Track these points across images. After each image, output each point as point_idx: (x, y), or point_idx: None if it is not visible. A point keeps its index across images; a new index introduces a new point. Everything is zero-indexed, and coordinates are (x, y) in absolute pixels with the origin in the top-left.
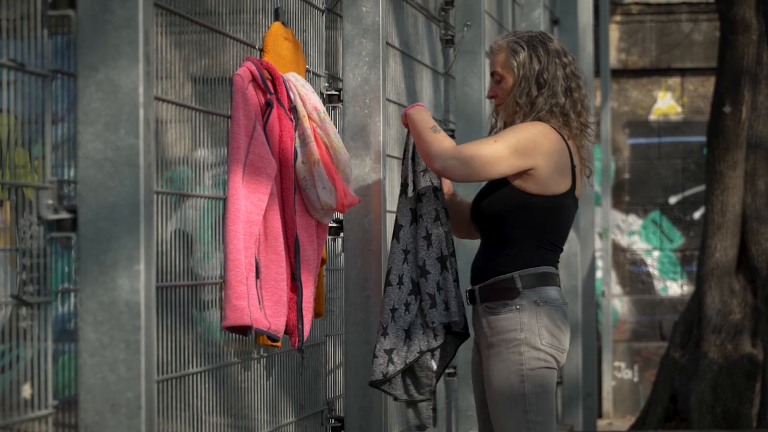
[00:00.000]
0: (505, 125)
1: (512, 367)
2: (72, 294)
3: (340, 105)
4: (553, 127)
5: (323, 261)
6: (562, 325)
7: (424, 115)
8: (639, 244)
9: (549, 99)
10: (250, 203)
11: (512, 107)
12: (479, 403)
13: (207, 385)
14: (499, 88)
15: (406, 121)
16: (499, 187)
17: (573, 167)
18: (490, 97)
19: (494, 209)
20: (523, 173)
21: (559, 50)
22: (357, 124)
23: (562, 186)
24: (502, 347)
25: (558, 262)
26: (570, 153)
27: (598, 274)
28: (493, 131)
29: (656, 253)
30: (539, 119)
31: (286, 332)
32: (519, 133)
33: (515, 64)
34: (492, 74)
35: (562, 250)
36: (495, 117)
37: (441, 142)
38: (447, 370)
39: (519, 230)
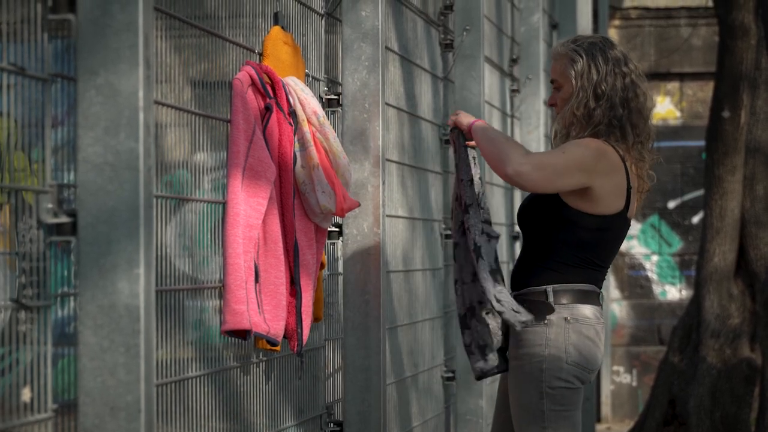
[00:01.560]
0: (567, 135)
1: (532, 383)
2: (71, 298)
3: (339, 109)
4: (611, 145)
5: (322, 265)
6: (593, 345)
7: (489, 126)
8: (637, 249)
9: (607, 112)
10: (250, 207)
11: (569, 118)
12: (499, 408)
13: (206, 389)
14: (558, 96)
15: (462, 130)
16: (548, 197)
17: (629, 188)
18: (551, 104)
19: (540, 219)
20: (580, 190)
21: (620, 58)
22: (356, 128)
23: (614, 207)
24: (525, 361)
25: (602, 281)
26: (627, 173)
27: None
28: (555, 138)
29: (655, 258)
30: (597, 133)
31: (285, 336)
32: (583, 148)
33: (573, 73)
34: (551, 81)
35: (608, 268)
36: (557, 125)
37: (515, 147)
38: (446, 375)
39: (561, 245)
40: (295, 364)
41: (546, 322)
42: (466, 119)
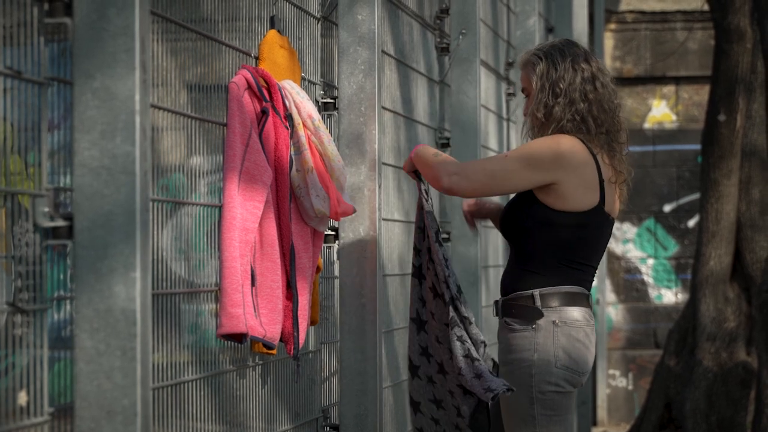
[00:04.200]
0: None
1: (522, 388)
2: (67, 301)
3: (335, 113)
4: (580, 139)
5: (318, 269)
6: (583, 348)
7: (426, 149)
8: (633, 252)
9: (567, 107)
10: (246, 211)
11: (532, 122)
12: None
13: (203, 393)
14: (528, 102)
15: (411, 167)
16: (525, 200)
17: (601, 181)
18: (525, 114)
19: (518, 223)
20: (546, 187)
21: (579, 54)
22: (352, 132)
23: (587, 202)
24: (515, 366)
25: (589, 281)
26: (598, 166)
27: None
28: None
29: (651, 261)
30: (562, 129)
31: (281, 340)
32: (534, 146)
33: (534, 77)
34: (522, 90)
35: (594, 268)
36: (525, 136)
37: (444, 163)
38: None
39: (543, 247)
40: (292, 367)
41: (534, 326)
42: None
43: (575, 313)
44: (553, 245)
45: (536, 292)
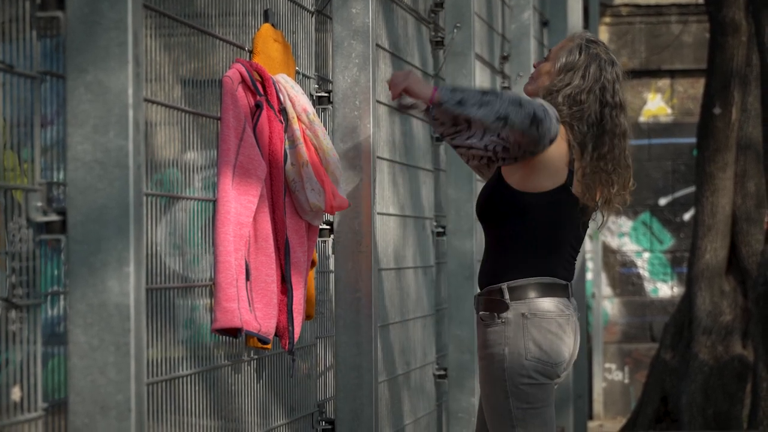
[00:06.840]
0: None
1: (497, 383)
2: (61, 296)
3: (330, 107)
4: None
5: (313, 263)
6: (556, 339)
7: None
8: (629, 246)
9: (576, 119)
10: (240, 205)
11: (543, 87)
12: (480, 409)
13: (197, 388)
14: (543, 64)
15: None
16: (495, 185)
17: (571, 161)
18: (534, 66)
19: (496, 209)
20: (512, 166)
21: (603, 83)
22: (347, 125)
23: (552, 182)
24: (489, 361)
25: (564, 270)
26: (571, 150)
27: (589, 275)
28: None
29: (646, 255)
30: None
31: (276, 334)
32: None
33: (563, 61)
34: (550, 50)
35: (568, 255)
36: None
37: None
38: (438, 372)
39: (514, 235)
40: (287, 362)
41: (503, 320)
42: (422, 91)
43: (546, 304)
44: (522, 231)
45: (504, 285)
